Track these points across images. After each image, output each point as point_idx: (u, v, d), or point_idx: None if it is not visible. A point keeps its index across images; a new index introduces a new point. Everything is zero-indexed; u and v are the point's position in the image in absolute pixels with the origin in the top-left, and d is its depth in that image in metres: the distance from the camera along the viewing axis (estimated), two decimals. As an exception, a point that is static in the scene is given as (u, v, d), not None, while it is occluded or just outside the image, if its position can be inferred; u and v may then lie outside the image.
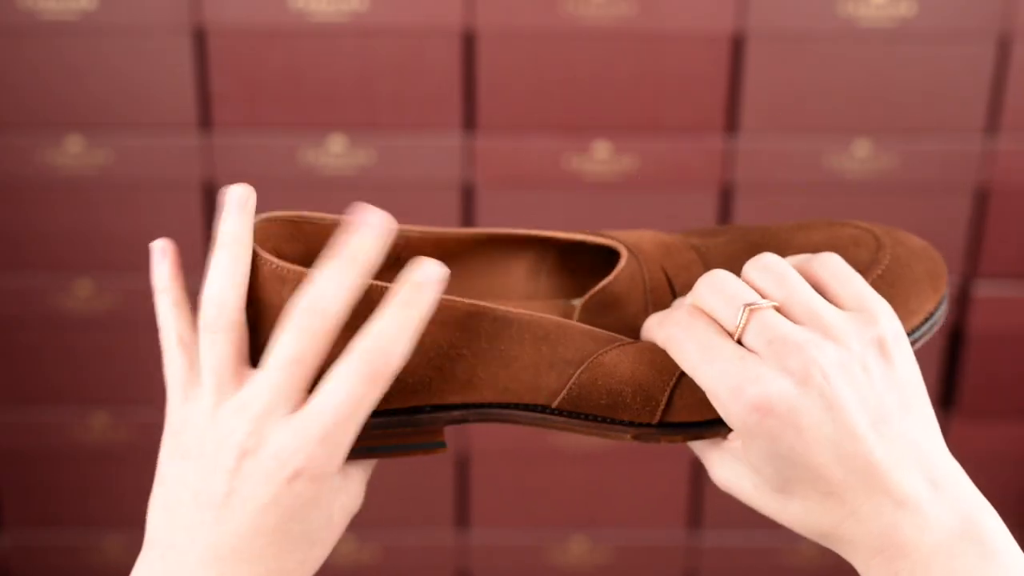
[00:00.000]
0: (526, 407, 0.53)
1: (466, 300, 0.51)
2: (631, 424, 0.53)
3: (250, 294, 0.51)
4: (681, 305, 0.53)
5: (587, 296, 0.55)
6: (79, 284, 1.13)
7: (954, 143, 1.09)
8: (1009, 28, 1.05)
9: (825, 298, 0.51)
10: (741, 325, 0.50)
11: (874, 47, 1.05)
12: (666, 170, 1.09)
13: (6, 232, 1.12)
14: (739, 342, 0.50)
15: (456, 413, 0.53)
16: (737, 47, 1.06)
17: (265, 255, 0.51)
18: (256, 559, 0.50)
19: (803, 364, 0.48)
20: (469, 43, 1.06)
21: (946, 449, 0.50)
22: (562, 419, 0.53)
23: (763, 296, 0.51)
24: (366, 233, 0.50)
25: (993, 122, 1.08)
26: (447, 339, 0.52)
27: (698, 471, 1.22)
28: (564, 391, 0.52)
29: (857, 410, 0.48)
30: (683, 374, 0.52)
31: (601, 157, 1.08)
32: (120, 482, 1.21)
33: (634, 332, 0.54)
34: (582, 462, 1.20)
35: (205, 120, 1.08)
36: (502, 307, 0.52)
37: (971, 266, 1.13)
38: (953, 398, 1.19)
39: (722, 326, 0.50)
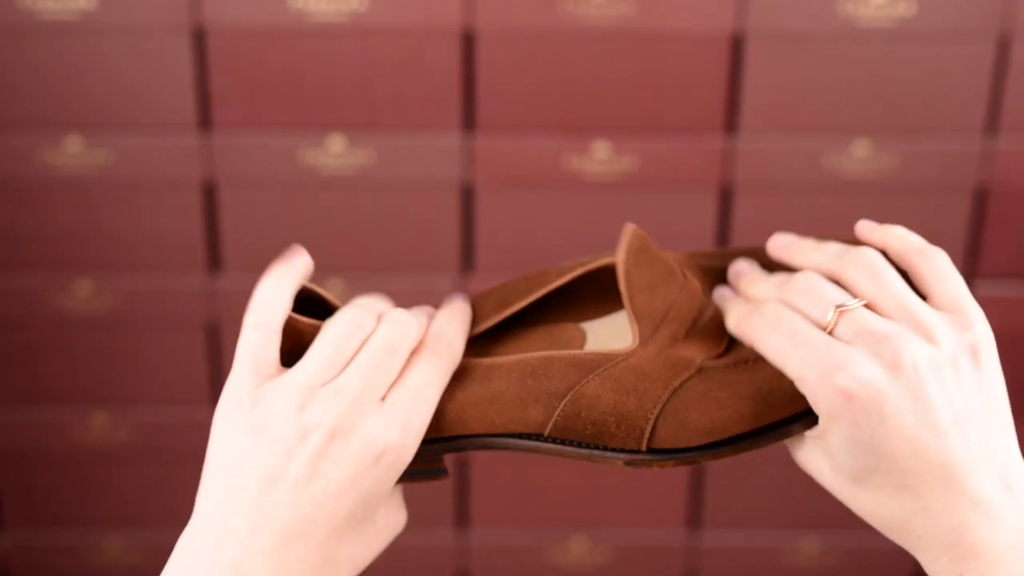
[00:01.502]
0: (519, 436, 0.54)
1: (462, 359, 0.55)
2: (621, 451, 0.54)
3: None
4: (765, 302, 0.53)
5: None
6: (79, 284, 1.13)
7: (954, 143, 1.09)
8: (1009, 28, 1.05)
9: (923, 293, 0.52)
10: (832, 323, 0.50)
11: (874, 47, 1.05)
12: (666, 170, 1.09)
13: (6, 232, 1.12)
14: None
15: (454, 443, 0.55)
16: (737, 47, 1.06)
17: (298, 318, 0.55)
18: (319, 546, 0.50)
19: (893, 353, 0.49)
20: (469, 43, 1.06)
21: (1022, 459, 0.50)
22: (555, 446, 0.54)
23: (855, 293, 0.51)
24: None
25: (993, 122, 1.08)
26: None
27: (698, 471, 1.22)
28: (550, 423, 0.54)
29: (942, 407, 0.48)
30: (666, 404, 0.52)
31: (601, 157, 1.08)
32: (120, 482, 1.21)
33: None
34: (582, 462, 1.20)
35: (205, 120, 1.08)
36: (491, 361, 0.54)
37: (971, 266, 1.13)
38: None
39: (811, 321, 0.51)
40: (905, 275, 0.53)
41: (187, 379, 1.16)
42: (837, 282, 0.53)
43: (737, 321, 0.54)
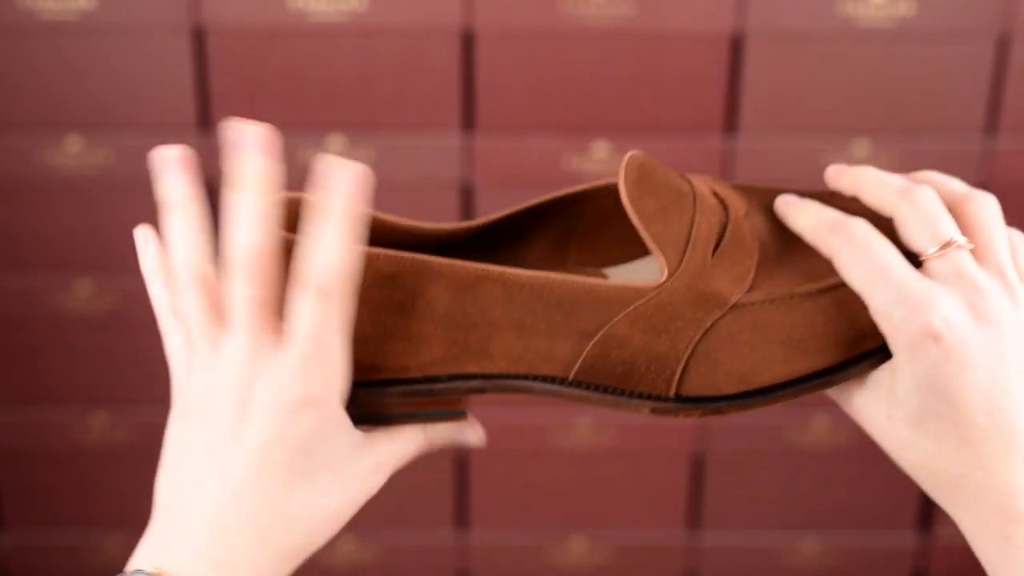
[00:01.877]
0: (543, 379, 0.53)
1: (474, 264, 0.51)
2: (648, 397, 0.53)
3: None
4: (853, 219, 0.52)
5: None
6: (79, 284, 1.13)
7: (954, 143, 1.09)
8: (1009, 28, 1.05)
9: None
10: (933, 255, 0.50)
11: (874, 47, 1.05)
12: (666, 170, 1.09)
13: (6, 232, 1.12)
14: (918, 263, 0.51)
15: (474, 383, 0.53)
16: (737, 47, 1.06)
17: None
18: (262, 504, 0.50)
19: (987, 307, 0.49)
20: (468, 43, 1.06)
21: None
22: (578, 391, 0.53)
23: (968, 233, 0.51)
24: (253, 159, 0.54)
25: (992, 122, 1.08)
26: (460, 308, 0.52)
27: (698, 471, 1.22)
28: (578, 362, 0.52)
29: (1015, 369, 0.49)
30: (698, 344, 0.52)
31: (601, 157, 1.08)
32: (120, 482, 1.21)
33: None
34: (582, 462, 1.20)
35: (205, 120, 1.08)
36: (511, 270, 0.52)
37: (971, 266, 1.13)
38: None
39: (906, 243, 0.51)
40: None
41: (187, 379, 1.16)
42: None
43: (814, 228, 0.53)
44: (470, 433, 0.55)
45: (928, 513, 1.24)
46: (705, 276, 0.52)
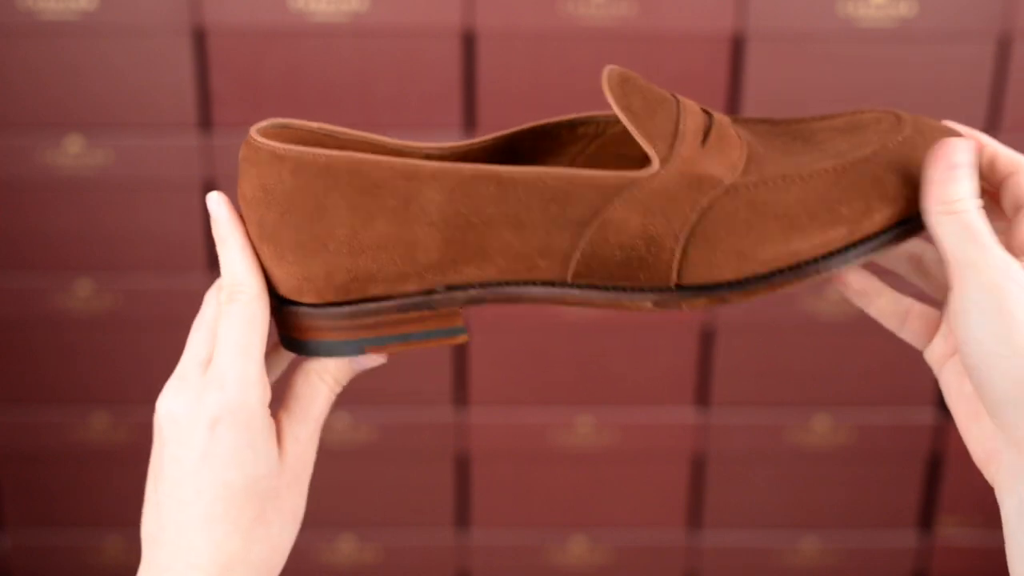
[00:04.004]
0: (542, 283, 0.53)
1: (467, 165, 0.52)
2: (649, 290, 0.53)
3: (255, 182, 0.53)
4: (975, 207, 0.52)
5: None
6: (79, 284, 1.13)
7: (954, 143, 1.09)
8: (1009, 28, 1.05)
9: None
10: None
11: (874, 47, 1.05)
12: (666, 170, 1.09)
13: (6, 232, 1.12)
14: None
15: (473, 292, 0.54)
16: (737, 47, 1.06)
17: (261, 140, 0.53)
18: (210, 524, 0.51)
19: None
20: (469, 43, 1.06)
21: None
22: (580, 292, 0.53)
23: None
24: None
25: (993, 122, 1.08)
26: (453, 207, 0.52)
27: (698, 471, 1.22)
28: (577, 252, 0.53)
29: None
30: (696, 225, 0.52)
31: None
32: (120, 482, 1.21)
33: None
34: (582, 462, 1.20)
35: (205, 120, 1.08)
36: (505, 168, 0.52)
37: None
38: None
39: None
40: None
41: (187, 379, 1.16)
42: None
43: (935, 211, 0.51)
44: (365, 358, 0.55)
45: (928, 513, 1.24)
46: (697, 162, 0.53)
